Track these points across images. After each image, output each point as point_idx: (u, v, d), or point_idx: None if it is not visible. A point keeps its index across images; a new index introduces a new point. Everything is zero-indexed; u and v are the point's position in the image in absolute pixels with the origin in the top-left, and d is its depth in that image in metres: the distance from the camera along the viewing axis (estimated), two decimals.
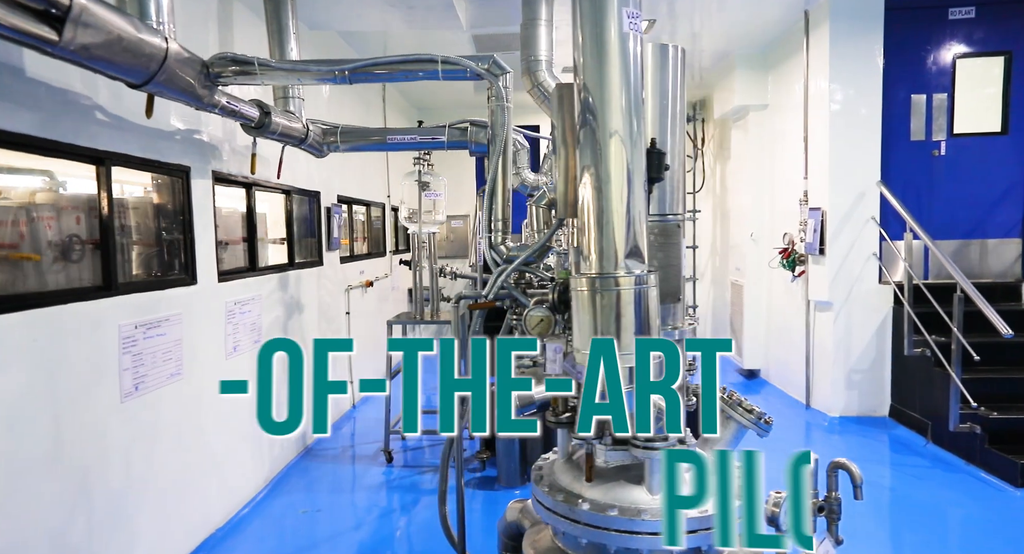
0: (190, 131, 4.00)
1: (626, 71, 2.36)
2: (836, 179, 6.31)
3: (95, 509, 3.10)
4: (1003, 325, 4.70)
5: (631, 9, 2.34)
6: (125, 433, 3.32)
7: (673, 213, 2.78)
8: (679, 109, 2.80)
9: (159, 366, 3.64)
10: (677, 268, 2.76)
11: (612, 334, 2.36)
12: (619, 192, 2.37)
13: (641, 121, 2.42)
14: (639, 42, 2.41)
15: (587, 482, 2.67)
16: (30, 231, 3.08)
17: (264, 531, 4.37)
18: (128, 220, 3.67)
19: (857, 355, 6.40)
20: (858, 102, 6.27)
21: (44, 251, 3.05)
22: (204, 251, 4.15)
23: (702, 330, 10.88)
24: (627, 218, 2.38)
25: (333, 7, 5.73)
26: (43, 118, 2.78)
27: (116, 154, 3.28)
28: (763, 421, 2.77)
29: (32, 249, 3.02)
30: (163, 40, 2.71)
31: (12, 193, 2.93)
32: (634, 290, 2.36)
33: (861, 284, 6.35)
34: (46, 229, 3.19)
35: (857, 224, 6.31)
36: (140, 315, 3.46)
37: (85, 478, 3.05)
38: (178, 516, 3.81)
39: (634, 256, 2.38)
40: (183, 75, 2.91)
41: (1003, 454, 4.89)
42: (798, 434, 6.20)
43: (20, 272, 2.89)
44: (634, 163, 2.39)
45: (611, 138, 2.35)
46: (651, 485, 2.58)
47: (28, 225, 3.06)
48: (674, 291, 2.76)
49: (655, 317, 2.43)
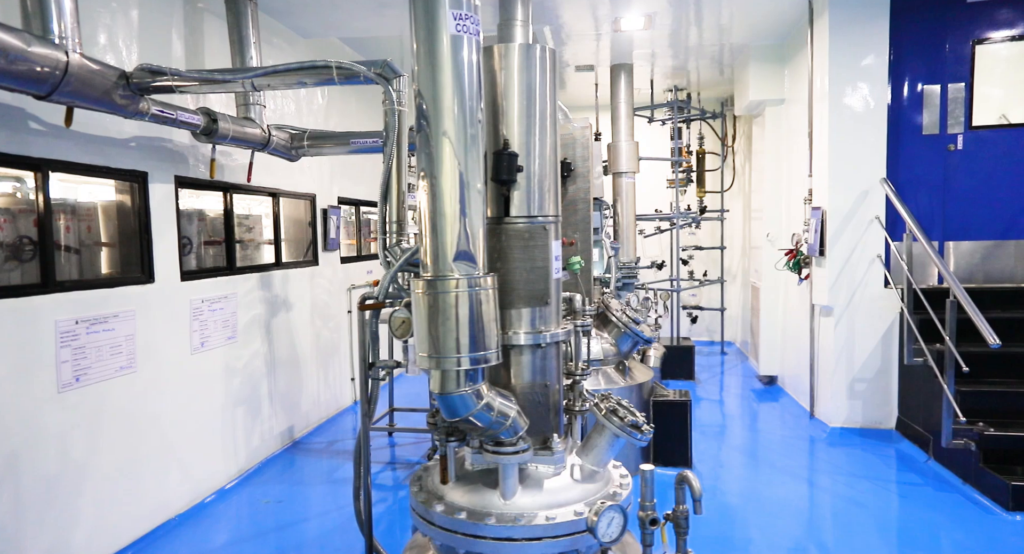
0: (149, 138, 4.24)
1: (459, 75, 2.35)
2: (836, 177, 5.96)
3: (24, 490, 3.34)
4: (991, 334, 4.32)
5: (461, 11, 2.33)
6: (62, 421, 3.56)
7: (543, 215, 2.73)
8: (548, 110, 2.74)
9: (105, 359, 3.88)
10: (544, 270, 2.72)
11: (444, 335, 2.35)
12: (451, 195, 2.36)
13: (476, 125, 2.40)
14: (474, 46, 2.39)
15: (442, 484, 2.67)
16: None
17: (222, 519, 4.56)
18: (78, 222, 3.93)
19: (860, 363, 6.03)
20: (861, 94, 5.90)
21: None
22: (164, 251, 4.38)
23: (731, 333, 10.50)
24: (461, 221, 2.37)
25: (329, 14, 5.88)
26: None
27: (53, 161, 3.53)
28: (639, 430, 2.69)
29: None
30: (63, 53, 2.89)
31: None
32: (467, 292, 2.35)
33: (865, 288, 5.97)
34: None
35: (860, 225, 5.94)
36: (82, 311, 3.70)
37: (13, 462, 3.29)
38: (128, 501, 4.04)
39: (466, 258, 2.37)
40: (94, 86, 3.10)
41: (995, 474, 4.49)
42: (789, 445, 5.89)
43: None
44: (468, 166, 2.38)
45: (444, 142, 2.35)
46: (503, 490, 2.55)
47: None
48: (540, 294, 2.72)
49: (491, 319, 2.41)
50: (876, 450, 5.62)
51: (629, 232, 8.76)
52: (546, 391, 2.77)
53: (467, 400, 2.40)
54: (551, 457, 2.69)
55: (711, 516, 4.43)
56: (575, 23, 6.87)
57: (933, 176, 5.98)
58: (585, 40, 7.50)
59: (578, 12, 6.48)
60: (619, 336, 5.14)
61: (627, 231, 8.74)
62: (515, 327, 2.73)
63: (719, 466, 5.35)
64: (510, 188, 2.66)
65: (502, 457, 2.53)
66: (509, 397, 2.56)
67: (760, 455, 5.68)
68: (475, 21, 2.36)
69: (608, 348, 5.10)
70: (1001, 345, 4.35)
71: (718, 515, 4.48)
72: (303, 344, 6.34)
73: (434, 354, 2.35)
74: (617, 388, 4.99)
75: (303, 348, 6.34)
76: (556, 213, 2.78)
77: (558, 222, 2.81)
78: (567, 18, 6.67)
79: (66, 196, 3.86)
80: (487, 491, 2.62)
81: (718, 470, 5.25)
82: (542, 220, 2.72)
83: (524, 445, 2.57)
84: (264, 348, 5.62)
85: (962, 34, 5.88)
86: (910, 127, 5.97)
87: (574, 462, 2.78)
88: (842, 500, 4.71)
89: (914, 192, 5.99)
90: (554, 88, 2.79)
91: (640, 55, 8.27)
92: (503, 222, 2.70)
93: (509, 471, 2.56)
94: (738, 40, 7.57)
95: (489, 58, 2.68)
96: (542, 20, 6.74)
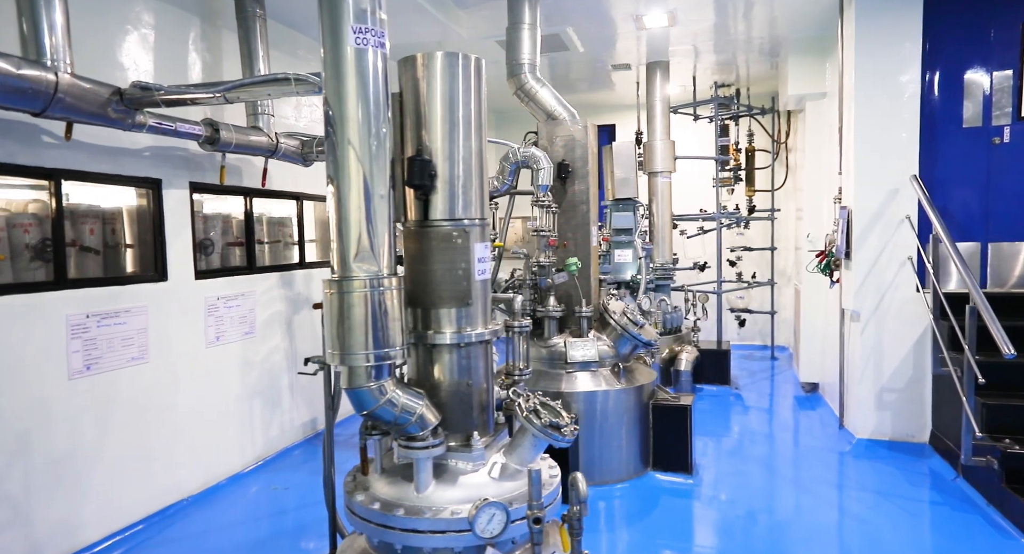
0: (164, 148, 4.60)
1: (363, 86, 2.46)
2: (863, 173, 5.64)
3: (35, 467, 3.73)
4: (1005, 343, 3.98)
5: (363, 25, 2.43)
6: (72, 406, 3.94)
7: (465, 218, 2.79)
8: (472, 117, 2.80)
9: (116, 350, 4.25)
10: (465, 272, 2.78)
11: (349, 333, 2.46)
12: (355, 200, 2.47)
13: (381, 133, 2.50)
14: (378, 57, 2.49)
15: (363, 475, 2.79)
16: (7, 237, 3.80)
17: (228, 502, 4.88)
18: (103, 224, 4.34)
19: (890, 372, 5.68)
20: (891, 84, 5.56)
21: (20, 252, 3.76)
22: (178, 252, 4.74)
23: (785, 338, 10.06)
24: (364, 225, 2.47)
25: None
26: None
27: (65, 170, 3.91)
28: (558, 431, 2.72)
29: None
30: (53, 74, 3.22)
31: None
32: (369, 292, 2.45)
33: (895, 292, 5.62)
34: (23, 234, 3.91)
35: (889, 224, 5.60)
36: (92, 306, 4.08)
37: (25, 441, 3.68)
38: (138, 481, 4.41)
39: (369, 260, 2.47)
40: (87, 102, 3.43)
41: (1017, 496, 4.14)
42: (808, 456, 5.63)
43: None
44: (372, 172, 2.48)
45: (348, 149, 2.46)
46: (416, 483, 2.64)
47: (3, 231, 3.78)
48: (461, 295, 2.78)
49: (394, 318, 2.50)
50: (901, 465, 5.28)
51: (664, 232, 8.59)
52: (469, 389, 2.83)
53: (372, 395, 2.50)
54: (469, 454, 2.75)
55: (692, 526, 4.34)
56: (599, 23, 6.83)
57: (975, 172, 5.55)
58: (617, 39, 7.43)
59: (599, 11, 6.44)
60: (617, 338, 5.09)
61: (662, 231, 8.58)
62: (439, 327, 2.80)
63: (724, 474, 5.19)
64: (428, 192, 2.73)
65: (412, 451, 2.62)
66: (417, 394, 2.64)
67: (773, 465, 5.46)
68: (378, 34, 2.46)
69: (605, 350, 5.06)
70: (1016, 355, 4.00)
71: (703, 524, 4.37)
72: None
73: (341, 351, 2.47)
74: (612, 390, 4.94)
75: None
76: (479, 216, 2.83)
77: (483, 225, 2.86)
78: (590, 18, 6.65)
79: (94, 202, 4.29)
80: (405, 484, 2.71)
81: (722, 478, 5.11)
82: (463, 223, 2.78)
83: (435, 441, 2.65)
84: (284, 343, 5.95)
85: (1009, 17, 5.42)
86: (948, 120, 5.57)
87: (497, 460, 2.82)
88: (846, 516, 4.48)
89: (953, 190, 5.58)
90: (479, 96, 2.84)
91: (679, 52, 8.10)
92: (424, 225, 2.78)
93: (421, 465, 2.64)
94: (777, 31, 7.29)
95: (413, 67, 2.76)
96: (565, 21, 6.75)
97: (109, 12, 4.21)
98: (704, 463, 5.38)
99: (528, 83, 5.58)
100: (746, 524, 4.35)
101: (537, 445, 2.81)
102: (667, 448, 5.12)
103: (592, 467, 4.96)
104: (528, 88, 5.57)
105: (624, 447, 5.05)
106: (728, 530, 4.27)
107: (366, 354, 2.47)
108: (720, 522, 4.40)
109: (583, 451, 4.90)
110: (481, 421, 2.91)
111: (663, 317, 7.93)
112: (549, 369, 5.08)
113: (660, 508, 4.61)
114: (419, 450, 2.61)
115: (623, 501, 4.73)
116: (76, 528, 3.98)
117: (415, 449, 2.62)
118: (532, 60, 5.63)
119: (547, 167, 4.80)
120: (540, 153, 4.80)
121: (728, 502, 4.68)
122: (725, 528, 4.30)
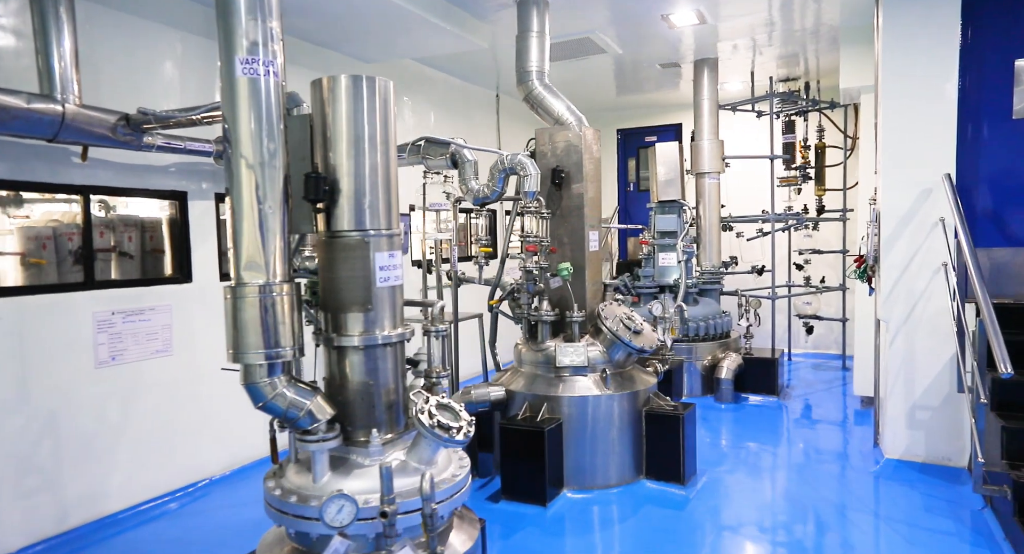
0: (190, 163, 5.15)
1: (255, 107, 2.73)
2: (891, 172, 5.23)
3: (63, 443, 4.34)
4: (1004, 361, 3.58)
5: (253, 56, 2.69)
6: (97, 392, 4.53)
7: (366, 230, 2.98)
8: (377, 135, 2.98)
9: (141, 343, 4.82)
10: (364, 279, 2.98)
11: (243, 334, 2.72)
12: (248, 212, 2.74)
13: (272, 150, 2.74)
14: (270, 84, 2.73)
15: (272, 463, 3.05)
16: (54, 245, 4.46)
17: (252, 483, 5.35)
18: (142, 232, 4.96)
19: (923, 388, 5.21)
20: (923, 72, 5.10)
21: (59, 257, 4.42)
22: (203, 256, 5.28)
23: None
24: (257, 235, 2.74)
25: (385, 39, 6.37)
26: (11, 166, 4.05)
27: (93, 187, 4.51)
28: (447, 432, 2.85)
29: (39, 256, 4.38)
30: (60, 105, 3.76)
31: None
32: (261, 297, 2.71)
33: (928, 301, 5.16)
34: (67, 241, 4.56)
35: (921, 228, 5.15)
36: (118, 305, 4.66)
37: (52, 420, 4.29)
38: (162, 461, 4.96)
39: (260, 268, 2.72)
40: (94, 128, 3.96)
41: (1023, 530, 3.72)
42: (823, 474, 5.29)
43: (36, 270, 4.31)
44: (265, 187, 2.73)
45: (241, 165, 2.73)
46: (313, 473, 2.87)
47: (50, 240, 4.45)
48: (362, 300, 2.99)
49: (283, 321, 2.74)
50: (927, 490, 4.84)
51: (712, 235, 8.31)
52: (372, 389, 3.01)
53: (263, 390, 2.75)
54: (366, 449, 2.93)
55: (656, 539, 4.26)
56: (628, 25, 6.76)
57: None
58: (653, 39, 7.30)
59: (624, 12, 6.38)
60: (610, 345, 5.06)
61: (710, 234, 8.31)
62: (345, 330, 3.02)
63: (721, 487, 5.01)
64: (331, 206, 2.95)
65: (306, 444, 2.85)
66: (307, 391, 2.86)
67: (780, 481, 5.20)
68: (267, 63, 2.70)
69: (596, 355, 5.05)
70: (1012, 374, 3.60)
71: (672, 539, 4.27)
72: None
73: (236, 350, 2.74)
74: (603, 396, 4.92)
75: None
76: (382, 227, 3.01)
77: (389, 236, 3.03)
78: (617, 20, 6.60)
79: (132, 212, 4.92)
80: (308, 475, 2.94)
81: (716, 491, 4.93)
82: (367, 234, 2.97)
83: (329, 434, 2.85)
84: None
85: None
86: (993, 111, 5.04)
87: (398, 457, 2.98)
88: (837, 541, 4.20)
89: (1000, 189, 5.04)
90: (385, 115, 3.01)
91: (730, 47, 7.81)
92: (330, 236, 2.99)
93: (315, 457, 2.86)
94: (828, 20, 6.86)
95: (320, 90, 2.99)
96: (590, 25, 6.75)
97: (141, 46, 4.79)
98: (709, 474, 5.21)
99: (536, 90, 5.66)
100: (721, 542, 4.21)
101: (432, 445, 2.94)
102: (660, 457, 5.02)
103: (583, 472, 4.98)
104: (536, 95, 5.66)
105: (616, 454, 5.01)
106: (694, 547, 4.14)
107: (258, 353, 2.72)
108: (691, 538, 4.27)
109: (574, 456, 4.93)
110: (387, 419, 3.08)
111: (701, 324, 7.70)
112: (544, 373, 5.13)
113: (637, 517, 4.54)
114: (312, 443, 2.84)
115: (601, 507, 4.71)
116: (101, 498, 4.57)
117: (308, 442, 2.84)
118: (540, 67, 5.71)
119: (533, 173, 4.87)
120: (527, 160, 4.88)
121: (711, 517, 4.53)
122: (692, 545, 4.18)
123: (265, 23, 2.69)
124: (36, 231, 4.47)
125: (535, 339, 5.24)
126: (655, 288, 8.11)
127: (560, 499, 4.80)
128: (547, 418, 4.85)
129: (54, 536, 4.30)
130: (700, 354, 7.73)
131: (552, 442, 4.73)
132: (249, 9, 2.66)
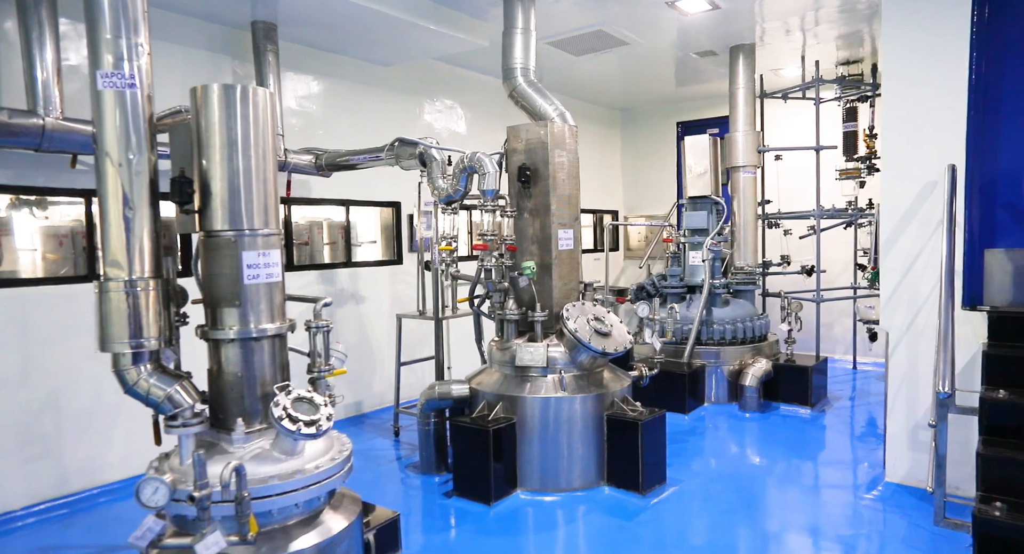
0: None
1: (123, 116, 2.98)
2: (890, 166, 4.69)
3: (64, 417, 4.91)
4: (943, 379, 3.13)
5: (111, 71, 2.92)
6: (96, 373, 5.06)
7: (234, 230, 3.15)
8: (251, 140, 3.15)
9: None
10: (232, 276, 3.17)
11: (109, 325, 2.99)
12: (113, 211, 3.01)
13: (137, 154, 2.97)
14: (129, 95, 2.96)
15: (155, 444, 3.31)
16: (70, 243, 5.07)
17: None
18: None
19: (927, 406, 4.64)
20: (927, 56, 4.53)
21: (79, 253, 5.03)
22: None
23: None
24: (123, 234, 3.01)
25: (396, 43, 6.59)
26: (16, 173, 4.63)
27: (92, 190, 5.03)
28: (296, 426, 2.98)
29: (54, 252, 4.99)
30: (40, 119, 4.26)
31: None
32: (124, 292, 2.96)
33: (932, 308, 4.58)
34: (82, 239, 5.15)
35: (924, 226, 4.59)
36: None
37: (54, 397, 4.86)
38: None
39: (123, 265, 2.97)
40: (76, 138, 4.44)
41: None
42: (809, 497, 4.86)
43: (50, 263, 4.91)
44: (131, 188, 2.97)
45: (108, 168, 3.00)
46: (180, 457, 3.10)
47: (66, 239, 5.06)
48: (231, 296, 3.19)
49: (148, 315, 3.00)
50: (919, 519, 4.32)
51: (747, 233, 7.82)
52: (239, 380, 3.18)
53: (128, 377, 3.00)
54: (229, 437, 3.11)
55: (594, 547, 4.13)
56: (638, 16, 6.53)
57: None
58: (670, 28, 6.98)
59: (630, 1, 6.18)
60: (572, 346, 4.94)
61: (745, 231, 7.82)
62: (220, 324, 3.20)
63: (685, 499, 4.75)
64: (204, 207, 3.14)
65: (171, 429, 3.06)
66: (169, 380, 3.06)
67: (756, 499, 4.83)
68: (124, 76, 2.91)
69: (557, 357, 4.95)
70: (949, 395, 3.13)
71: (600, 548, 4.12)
72: (378, 333, 7.32)
73: (103, 341, 3.00)
74: (564, 398, 4.82)
75: (378, 336, 7.32)
76: (256, 227, 3.16)
77: (260, 235, 3.18)
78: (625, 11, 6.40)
79: None
80: None
81: (676, 504, 4.68)
82: (242, 233, 3.14)
83: (192, 421, 3.05)
84: None
85: None
86: (1011, 97, 4.38)
87: (263, 445, 3.13)
88: None
89: (1017, 184, 4.38)
90: (259, 121, 3.16)
91: (782, 31, 7.29)
92: (206, 235, 3.19)
93: (181, 441, 3.07)
94: None
95: (195, 98, 3.18)
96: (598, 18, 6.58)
97: None
98: (683, 485, 4.96)
99: (520, 86, 5.62)
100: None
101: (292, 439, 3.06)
102: (621, 463, 4.84)
103: (544, 474, 4.91)
104: (520, 91, 5.62)
105: (578, 457, 4.89)
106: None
107: (122, 343, 2.97)
108: (621, 550, 4.09)
109: (532, 457, 4.87)
110: (263, 409, 3.24)
111: (728, 327, 7.27)
112: (511, 373, 5.11)
113: (577, 523, 4.42)
114: (175, 428, 3.04)
115: (546, 510, 4.61)
116: (100, 468, 5.12)
117: (172, 427, 3.05)
118: (525, 64, 5.66)
119: (491, 172, 4.86)
120: (485, 157, 4.87)
121: (654, 531, 4.31)
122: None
123: (129, 39, 2.92)
124: (55, 229, 5.10)
125: (503, 338, 5.22)
126: (682, 288, 7.76)
127: (510, 499, 4.76)
128: (499, 417, 4.83)
129: (55, 498, 4.88)
130: (727, 358, 7.31)
131: (503, 442, 4.71)
132: (113, 26, 2.90)
